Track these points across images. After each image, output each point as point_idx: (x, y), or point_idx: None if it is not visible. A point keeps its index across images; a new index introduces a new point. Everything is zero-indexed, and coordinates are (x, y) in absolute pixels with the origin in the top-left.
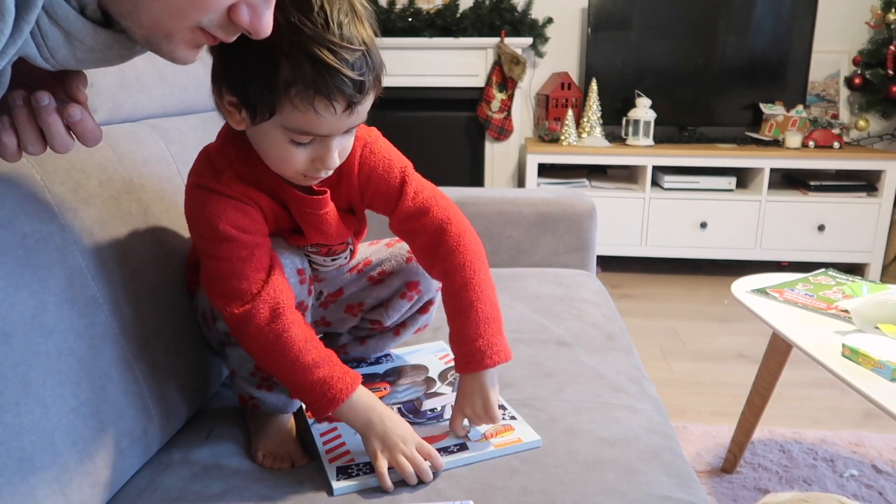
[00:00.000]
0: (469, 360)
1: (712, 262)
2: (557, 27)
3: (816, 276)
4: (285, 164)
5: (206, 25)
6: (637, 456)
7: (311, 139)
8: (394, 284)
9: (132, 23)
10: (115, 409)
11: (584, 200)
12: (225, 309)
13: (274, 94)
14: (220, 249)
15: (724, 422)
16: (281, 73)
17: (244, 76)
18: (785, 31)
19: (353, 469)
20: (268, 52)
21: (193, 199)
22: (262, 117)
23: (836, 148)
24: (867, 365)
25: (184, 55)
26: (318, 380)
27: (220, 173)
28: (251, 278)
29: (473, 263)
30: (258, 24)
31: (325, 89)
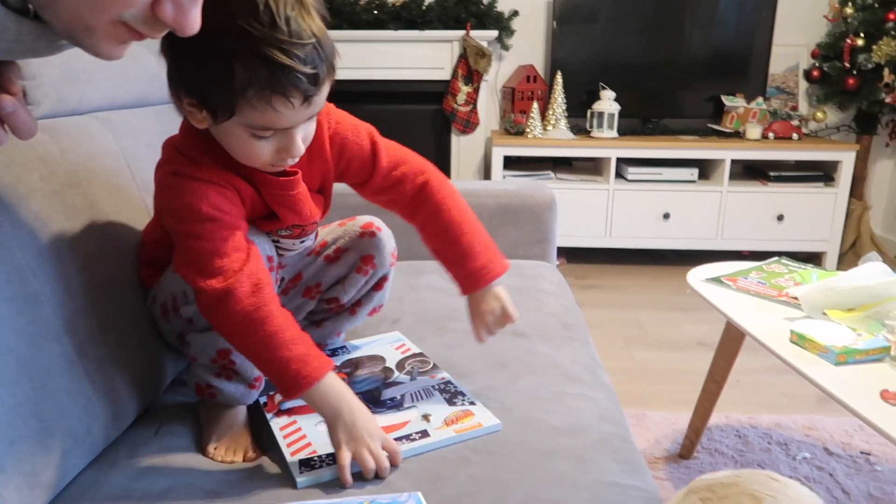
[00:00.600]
0: (478, 278)
1: (676, 252)
2: (523, 20)
3: (770, 264)
4: (252, 157)
5: (128, 20)
6: (588, 444)
7: (274, 132)
8: (349, 260)
9: (51, 14)
10: (57, 408)
11: (544, 192)
12: (206, 285)
13: (231, 97)
14: (201, 229)
15: (683, 409)
16: (236, 77)
17: (200, 81)
18: (747, 24)
19: (315, 461)
20: (220, 58)
21: (170, 186)
22: (222, 118)
23: (795, 139)
24: (813, 350)
25: (107, 50)
26: (295, 356)
27: (198, 162)
28: (232, 256)
29: (458, 201)
30: (183, 21)
31: (280, 88)
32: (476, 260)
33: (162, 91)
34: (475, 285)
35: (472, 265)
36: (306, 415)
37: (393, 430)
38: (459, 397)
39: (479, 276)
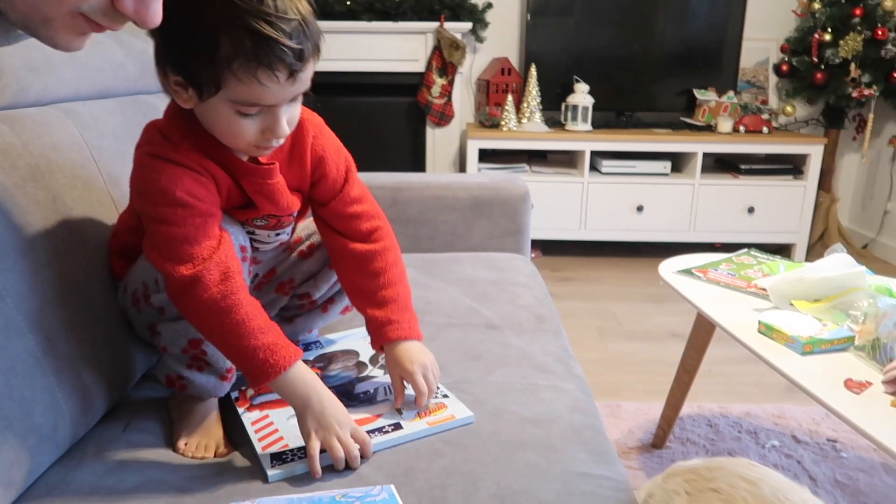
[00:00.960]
0: (394, 328)
1: (649, 244)
2: (497, 12)
3: (739, 255)
4: (236, 136)
5: (87, 12)
6: (559, 434)
7: (259, 110)
8: (323, 256)
9: (6, 4)
10: (21, 405)
11: (518, 185)
12: (174, 271)
13: (217, 69)
14: (174, 215)
15: (656, 399)
16: (221, 49)
17: (186, 55)
18: (718, 18)
19: (287, 455)
20: (206, 30)
21: (146, 166)
22: (208, 93)
23: (765, 133)
24: (781, 340)
25: (65, 42)
26: (263, 345)
27: (177, 145)
28: (203, 244)
29: (400, 257)
30: (144, 13)
31: (266, 60)
32: (397, 313)
33: (126, 82)
34: (386, 336)
35: (392, 316)
36: (278, 409)
37: (366, 423)
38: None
39: (395, 328)
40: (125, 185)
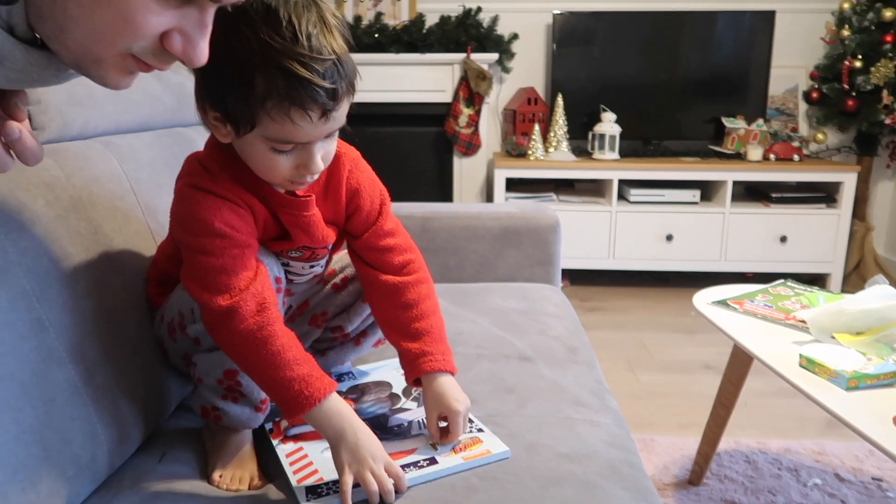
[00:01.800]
0: (428, 360)
1: (679, 273)
2: (523, 43)
3: (775, 286)
4: (271, 171)
5: (137, 52)
6: (596, 470)
7: (293, 147)
8: (356, 289)
9: (59, 46)
10: (61, 435)
11: (547, 214)
12: (211, 301)
13: (252, 108)
14: (212, 245)
15: (690, 433)
16: (256, 88)
17: (223, 93)
18: (744, 46)
19: (322, 489)
20: (242, 69)
21: (186, 197)
22: (244, 130)
23: (796, 160)
24: (823, 375)
25: (115, 81)
26: (298, 376)
27: (216, 176)
28: (240, 275)
29: (433, 289)
30: (192, 53)
31: (298, 100)
32: (431, 345)
33: (164, 115)
34: (421, 368)
35: (426, 347)
36: (313, 441)
37: (400, 456)
38: (467, 424)
39: (430, 360)
40: (162, 215)
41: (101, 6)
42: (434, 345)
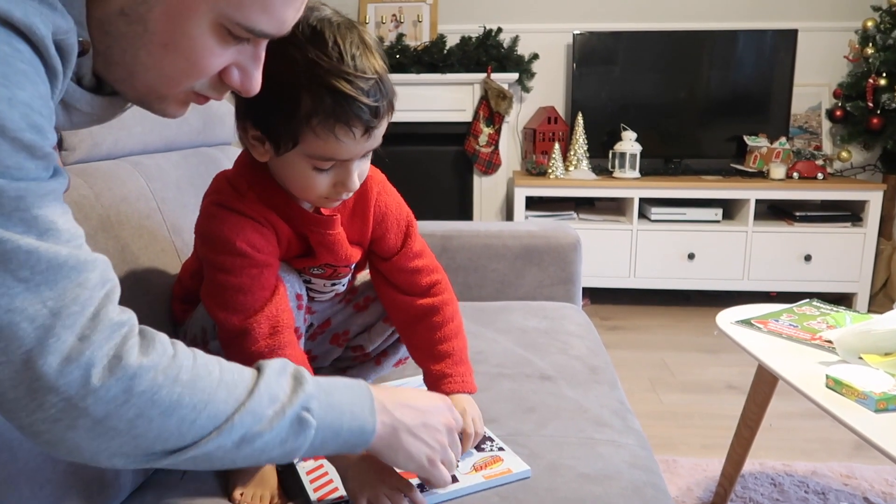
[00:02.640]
0: (451, 381)
1: (701, 292)
2: (543, 62)
3: (801, 306)
4: (309, 189)
5: (198, 89)
6: (619, 492)
7: (333, 164)
8: (378, 309)
9: (127, 87)
10: None
11: (568, 233)
12: (226, 320)
13: (296, 125)
14: (231, 263)
15: (714, 454)
16: (302, 106)
17: (267, 112)
18: (766, 65)
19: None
20: (289, 88)
21: (212, 215)
22: (285, 148)
23: (820, 179)
24: (851, 396)
25: (174, 112)
26: None
27: (243, 195)
28: (256, 295)
29: (459, 311)
30: (248, 84)
31: (343, 117)
32: (452, 367)
33: (190, 135)
34: (441, 390)
35: (447, 370)
36: None
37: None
38: (488, 443)
39: (448, 381)
40: (187, 234)
41: (169, 53)
42: (455, 367)
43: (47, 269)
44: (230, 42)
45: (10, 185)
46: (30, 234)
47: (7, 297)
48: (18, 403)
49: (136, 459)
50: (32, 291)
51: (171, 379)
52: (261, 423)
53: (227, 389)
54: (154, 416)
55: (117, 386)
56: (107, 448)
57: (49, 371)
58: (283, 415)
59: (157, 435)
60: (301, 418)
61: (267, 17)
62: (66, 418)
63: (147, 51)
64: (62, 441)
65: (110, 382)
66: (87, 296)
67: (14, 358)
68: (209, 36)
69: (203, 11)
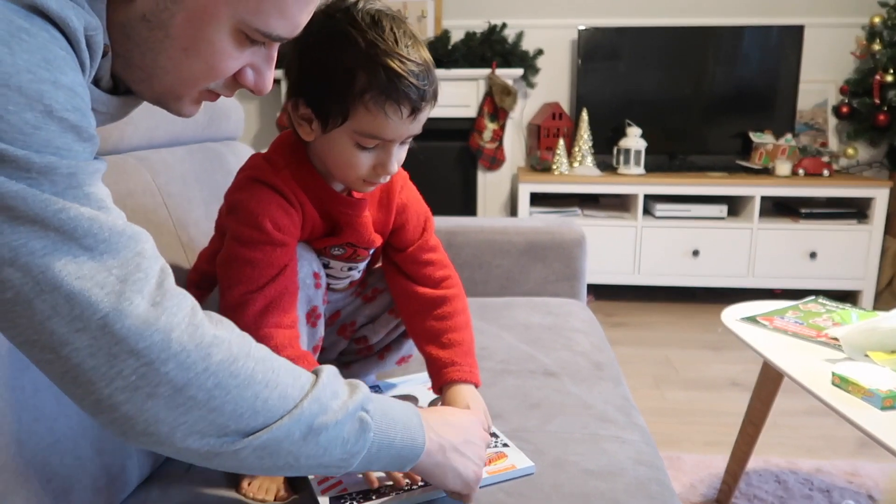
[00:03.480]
0: (459, 370)
1: (705, 289)
2: (548, 58)
3: (806, 303)
4: (350, 168)
5: (213, 88)
6: (624, 488)
7: (377, 144)
8: (384, 301)
9: (145, 88)
10: (93, 445)
11: (573, 229)
12: (227, 290)
13: (349, 100)
14: (250, 236)
15: (718, 451)
16: (357, 82)
17: (321, 88)
18: (772, 61)
19: (345, 499)
20: (346, 66)
21: (243, 187)
22: (333, 125)
23: (826, 176)
24: (857, 393)
25: (189, 111)
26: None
27: (278, 170)
28: (263, 271)
29: (467, 305)
30: (262, 84)
31: (395, 94)
32: (461, 357)
33: (195, 131)
34: (448, 376)
35: (455, 358)
36: None
37: None
38: (492, 438)
39: (457, 369)
40: (192, 228)
41: (189, 57)
42: (463, 357)
43: (109, 237)
44: (246, 45)
45: (62, 163)
46: (88, 206)
47: (75, 265)
48: (97, 372)
49: (210, 441)
50: (97, 259)
51: (245, 353)
52: (326, 414)
53: (292, 376)
54: (231, 388)
55: (197, 352)
56: (184, 422)
57: (128, 334)
58: (346, 410)
59: (233, 409)
60: (361, 419)
61: (284, 22)
62: (147, 385)
63: (167, 55)
64: (140, 413)
65: (190, 347)
66: (147, 265)
67: (90, 324)
68: (228, 41)
69: (224, 18)
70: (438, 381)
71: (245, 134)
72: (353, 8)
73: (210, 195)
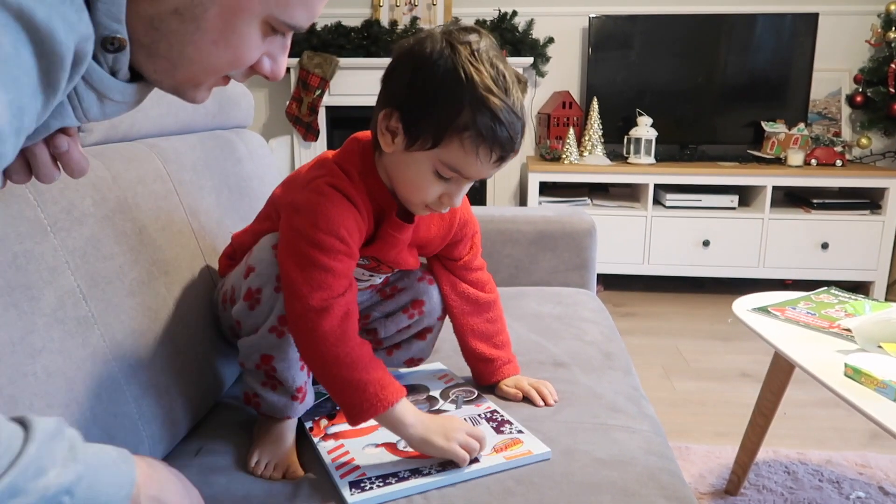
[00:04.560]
0: (512, 367)
1: (715, 280)
2: (558, 47)
3: (818, 294)
4: (419, 191)
5: (231, 74)
6: (634, 478)
7: (453, 177)
8: (401, 300)
9: (164, 77)
10: (105, 430)
11: (583, 218)
12: (309, 295)
13: (448, 131)
14: (331, 244)
15: (727, 442)
16: (462, 116)
17: (424, 109)
18: (786, 49)
19: (365, 483)
20: (456, 98)
21: (324, 193)
22: (420, 147)
23: (839, 166)
24: (870, 385)
25: (203, 97)
26: (374, 379)
27: (354, 182)
28: (342, 281)
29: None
30: (277, 71)
31: (492, 139)
32: (510, 354)
33: (206, 118)
34: (505, 373)
35: (510, 356)
36: (353, 438)
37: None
38: (507, 425)
39: (512, 366)
40: (203, 216)
41: (218, 49)
42: (511, 354)
43: None
44: (269, 35)
45: None
46: None
47: None
48: None
49: None
50: None
51: None
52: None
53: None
54: None
55: None
56: None
57: None
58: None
59: None
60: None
61: (307, 14)
62: None
63: (195, 46)
64: None
65: None
66: None
67: None
68: (256, 33)
69: (256, 13)
70: (497, 377)
71: (254, 123)
72: (474, 43)
73: (220, 183)
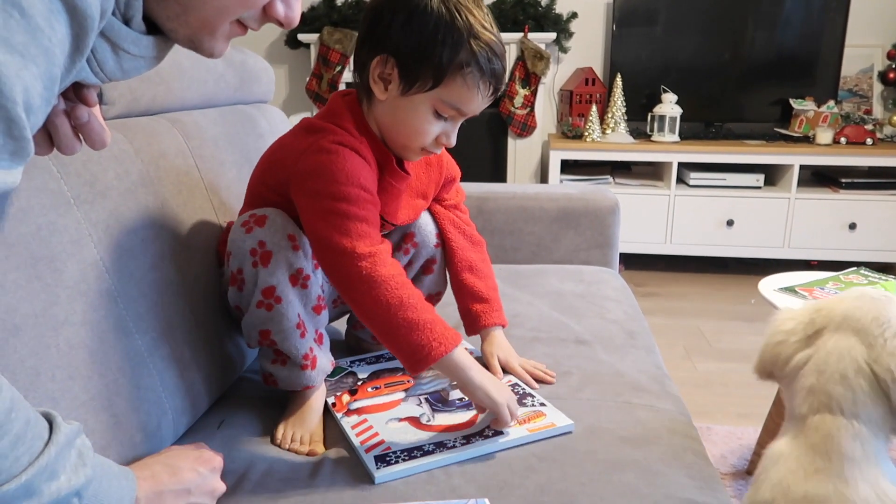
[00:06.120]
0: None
1: (739, 260)
2: (581, 22)
3: (848, 274)
4: (418, 134)
5: (244, 19)
6: (658, 457)
7: (451, 116)
8: (392, 241)
9: (178, 24)
10: (129, 403)
11: (606, 196)
12: (354, 247)
13: (447, 68)
14: (357, 195)
15: (749, 423)
16: (463, 52)
17: (421, 51)
18: (816, 24)
19: (391, 457)
20: (460, 34)
21: (334, 151)
22: (420, 89)
23: (869, 144)
24: None
25: (220, 48)
26: (438, 319)
27: (359, 140)
28: (376, 229)
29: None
30: (291, 16)
31: (491, 74)
32: (497, 303)
33: (227, 92)
34: (499, 319)
35: (501, 305)
36: (376, 413)
37: (465, 426)
38: (529, 398)
39: (502, 315)
40: (224, 192)
41: None
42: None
43: None
44: None
45: None
46: None
47: None
48: None
49: None
50: None
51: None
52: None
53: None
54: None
55: None
56: None
57: None
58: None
59: None
60: None
61: None
62: None
63: None
64: None
65: None
66: None
67: None
68: None
69: None
70: (490, 320)
71: (274, 99)
72: None
73: (241, 158)
